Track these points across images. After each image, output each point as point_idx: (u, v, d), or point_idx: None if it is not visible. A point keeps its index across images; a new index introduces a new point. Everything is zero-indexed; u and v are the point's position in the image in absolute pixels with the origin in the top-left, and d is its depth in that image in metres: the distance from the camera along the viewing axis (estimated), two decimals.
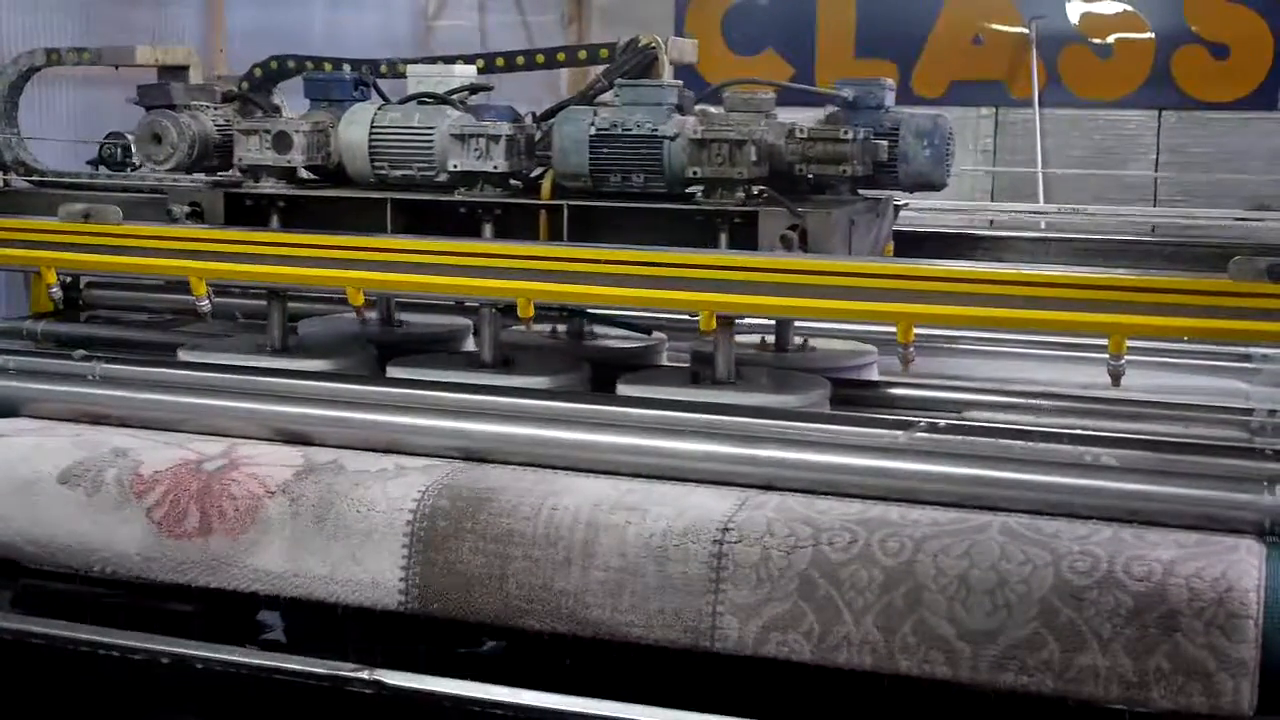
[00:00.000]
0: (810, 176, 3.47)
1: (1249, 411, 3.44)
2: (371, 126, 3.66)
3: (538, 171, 3.65)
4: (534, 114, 3.69)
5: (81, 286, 4.91)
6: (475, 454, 3.15)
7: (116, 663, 3.04)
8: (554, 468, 3.07)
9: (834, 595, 2.64)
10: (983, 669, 2.53)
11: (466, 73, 3.89)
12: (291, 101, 4.26)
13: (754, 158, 3.33)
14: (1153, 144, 10.91)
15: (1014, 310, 2.95)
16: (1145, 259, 3.76)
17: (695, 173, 3.37)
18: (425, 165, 3.63)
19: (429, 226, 3.62)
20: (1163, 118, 10.93)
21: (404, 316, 4.25)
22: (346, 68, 3.99)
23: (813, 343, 3.90)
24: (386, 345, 3.90)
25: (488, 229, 3.57)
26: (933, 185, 3.61)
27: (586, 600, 2.79)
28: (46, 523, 3.18)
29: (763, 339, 3.92)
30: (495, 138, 3.49)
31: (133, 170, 5.72)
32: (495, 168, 3.50)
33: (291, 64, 4.16)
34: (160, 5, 9.53)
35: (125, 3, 9.11)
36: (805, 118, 3.56)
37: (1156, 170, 10.78)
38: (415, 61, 3.92)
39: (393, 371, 3.58)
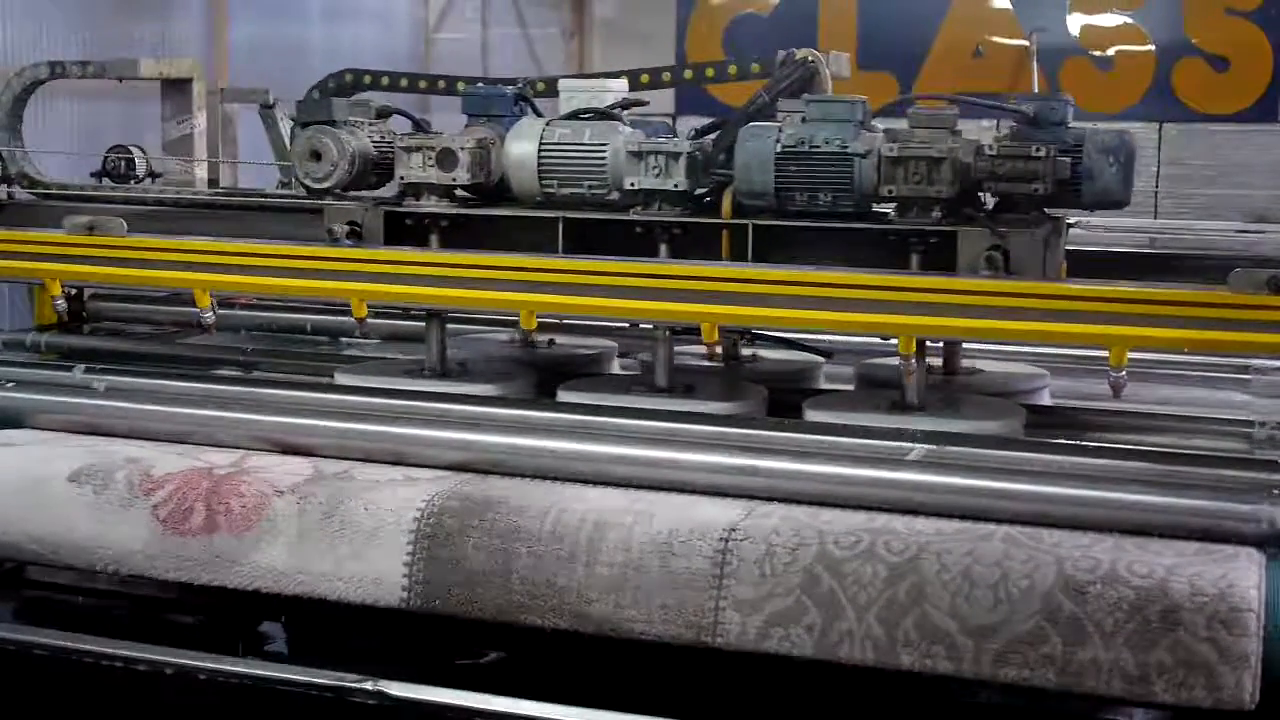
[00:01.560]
0: (996, 195, 3.32)
1: (1250, 423, 3.45)
2: (540, 143, 3.54)
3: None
4: (696, 130, 3.58)
5: (86, 299, 4.92)
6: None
7: (120, 674, 3.04)
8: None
9: (837, 590, 2.66)
10: (985, 663, 2.55)
11: (620, 88, 3.79)
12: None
13: (951, 175, 3.21)
14: (1153, 156, 10.94)
15: (1016, 322, 2.96)
16: (1146, 271, 3.77)
17: (890, 191, 3.25)
18: (597, 183, 3.50)
19: (595, 246, 3.49)
20: (1164, 130, 10.97)
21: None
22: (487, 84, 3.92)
23: (977, 366, 3.74)
24: (535, 367, 3.75)
25: (664, 249, 3.46)
26: (1117, 203, 3.42)
27: (589, 596, 2.79)
28: (51, 520, 3.17)
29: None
30: (675, 155, 3.39)
31: (136, 182, 5.75)
32: (675, 186, 3.40)
33: (349, 78, 4.12)
34: (164, 18, 9.58)
35: (129, 16, 9.15)
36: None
37: (1157, 183, 10.81)
38: (566, 78, 3.85)
39: (565, 396, 3.44)
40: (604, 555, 2.81)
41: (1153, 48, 11.07)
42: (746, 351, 3.88)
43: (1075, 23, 11.30)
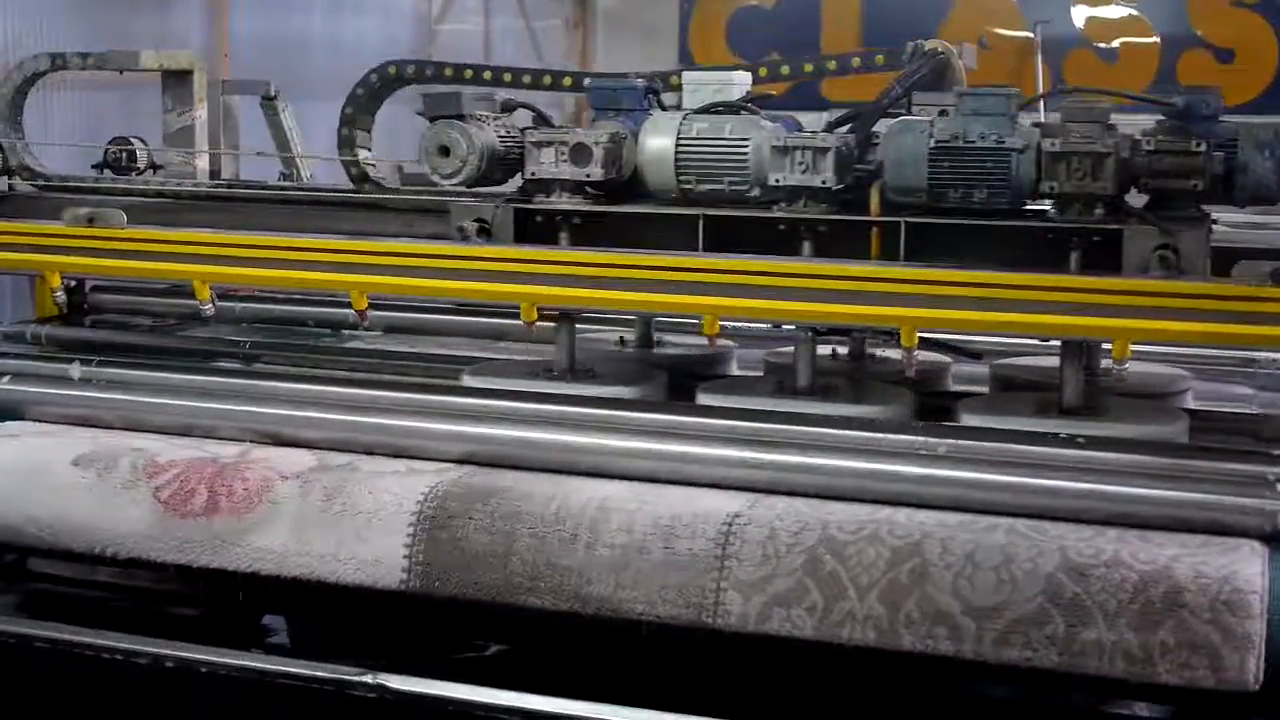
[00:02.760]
0: (1150, 192, 3.24)
1: (1254, 416, 3.44)
2: (678, 137, 3.45)
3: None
4: (828, 124, 3.50)
5: (86, 291, 4.91)
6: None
7: (120, 666, 3.04)
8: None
9: (839, 571, 2.66)
10: (987, 644, 2.54)
11: (745, 81, 3.70)
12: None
13: (1114, 172, 3.12)
14: None
15: (1016, 314, 2.93)
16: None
17: (1051, 187, 3.15)
18: (738, 179, 3.40)
19: (731, 244, 3.39)
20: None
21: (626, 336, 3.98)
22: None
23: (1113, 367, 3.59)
24: (660, 368, 3.65)
25: (807, 247, 3.34)
26: (1271, 199, 3.31)
27: (590, 577, 2.78)
28: (53, 502, 3.17)
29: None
30: (823, 150, 3.28)
31: (137, 175, 5.74)
32: (824, 182, 3.29)
33: (404, 70, 4.06)
34: (164, 11, 9.56)
35: (129, 8, 9.13)
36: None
37: None
38: (686, 70, 3.73)
39: (705, 400, 3.33)
40: (605, 536, 2.81)
41: (1157, 39, 11.05)
42: (874, 351, 3.74)
43: (1079, 14, 11.28)
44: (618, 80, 3.72)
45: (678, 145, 3.45)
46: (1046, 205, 3.27)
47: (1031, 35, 11.15)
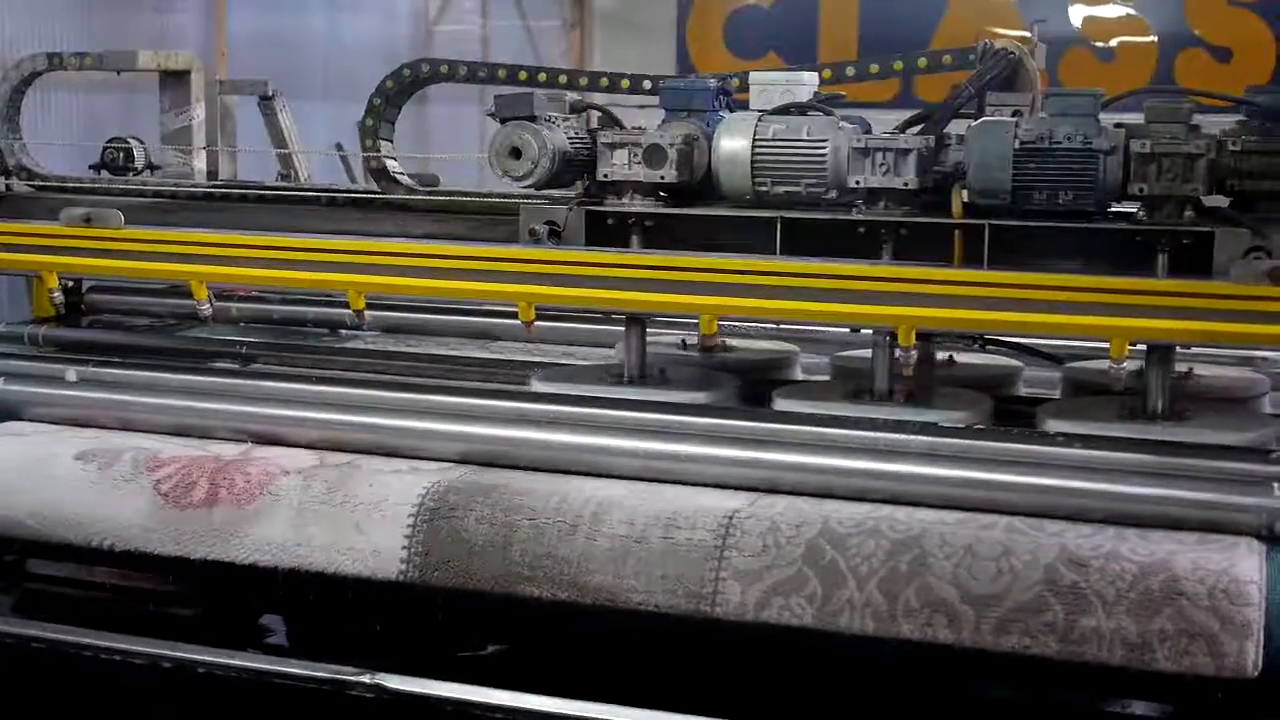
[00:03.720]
0: (1235, 194, 3.20)
1: None
2: (754, 139, 3.41)
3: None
4: (899, 125, 3.45)
5: (84, 291, 4.91)
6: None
7: (118, 666, 3.04)
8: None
9: (839, 561, 2.67)
10: (985, 632, 2.55)
11: (813, 81, 3.68)
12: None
13: (1205, 173, 3.10)
14: None
15: (1012, 314, 2.94)
16: None
17: (1141, 189, 3.11)
18: (815, 181, 3.37)
19: (808, 248, 3.34)
20: None
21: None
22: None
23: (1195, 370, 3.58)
24: (730, 373, 3.61)
25: (887, 250, 3.31)
26: None
27: (589, 566, 2.79)
28: (52, 494, 3.17)
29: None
30: (905, 151, 3.26)
31: (134, 175, 5.73)
32: (906, 184, 3.26)
33: (427, 70, 4.05)
34: (162, 10, 9.56)
35: (127, 7, 9.13)
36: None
37: None
38: (760, 71, 3.70)
39: (783, 406, 3.28)
40: (606, 528, 2.82)
41: (1155, 38, 11.05)
42: (941, 355, 3.69)
43: (1077, 13, 11.27)
44: (690, 81, 3.70)
45: (754, 146, 3.41)
46: (1131, 208, 3.24)
47: (1029, 34, 11.15)
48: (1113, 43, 11.20)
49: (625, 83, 4.05)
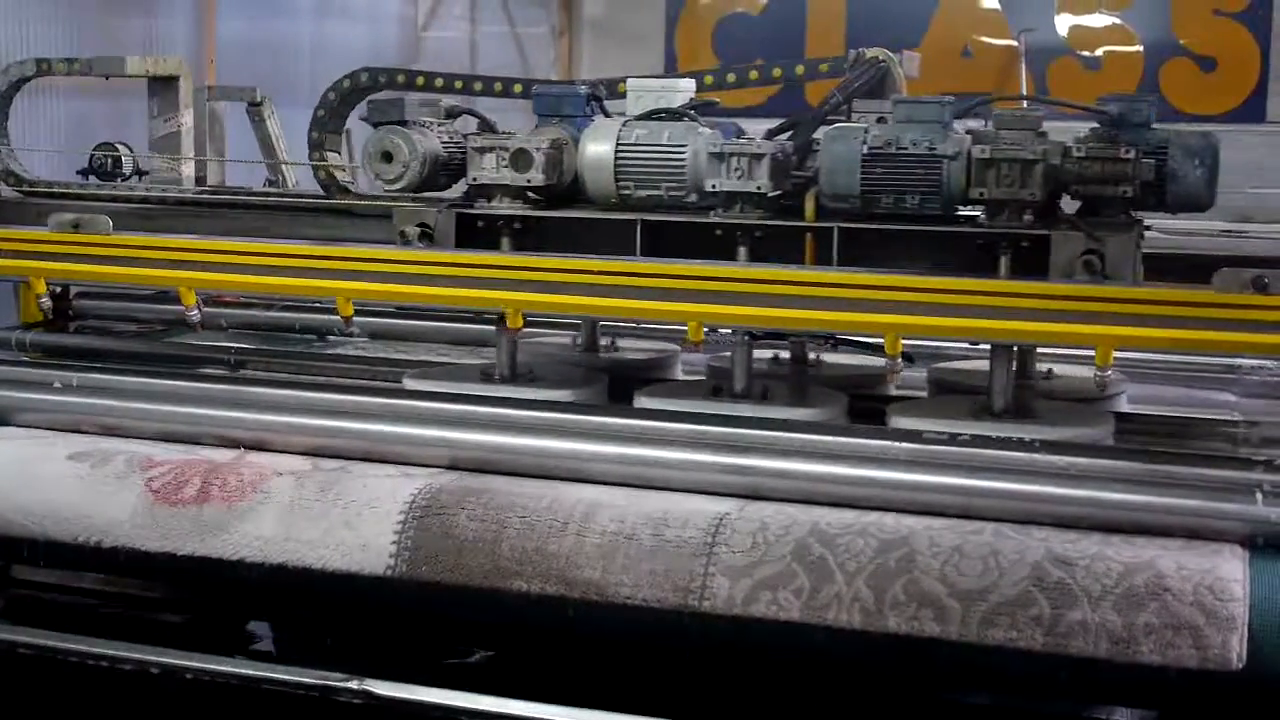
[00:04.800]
0: (1081, 199, 3.27)
1: (1235, 423, 3.47)
2: (617, 143, 3.47)
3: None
4: (768, 131, 3.54)
5: (71, 297, 4.91)
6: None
7: (105, 673, 3.04)
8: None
9: (827, 557, 2.68)
10: (972, 625, 2.57)
11: (689, 88, 3.72)
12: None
13: (1043, 178, 3.16)
14: None
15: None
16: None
17: (981, 194, 3.19)
18: (675, 185, 3.44)
19: (670, 250, 3.43)
20: None
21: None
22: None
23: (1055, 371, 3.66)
24: (603, 372, 3.65)
25: (743, 252, 3.37)
26: (1201, 206, 3.37)
27: (578, 562, 2.79)
28: (42, 491, 3.16)
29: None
30: (759, 156, 3.31)
31: (122, 180, 5.74)
32: (759, 188, 3.32)
33: (368, 78, 4.09)
34: (150, 16, 9.56)
35: (115, 13, 9.13)
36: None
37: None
38: (635, 78, 3.75)
39: (644, 403, 3.34)
40: (596, 526, 2.83)
41: (1140, 48, 11.10)
42: (811, 356, 3.79)
43: (1063, 23, 11.32)
44: (562, 87, 3.77)
45: (617, 151, 3.48)
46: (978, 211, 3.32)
47: (1016, 43, 11.19)
48: (1099, 52, 11.25)
49: (518, 87, 4.16)
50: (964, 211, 3.32)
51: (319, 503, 2.99)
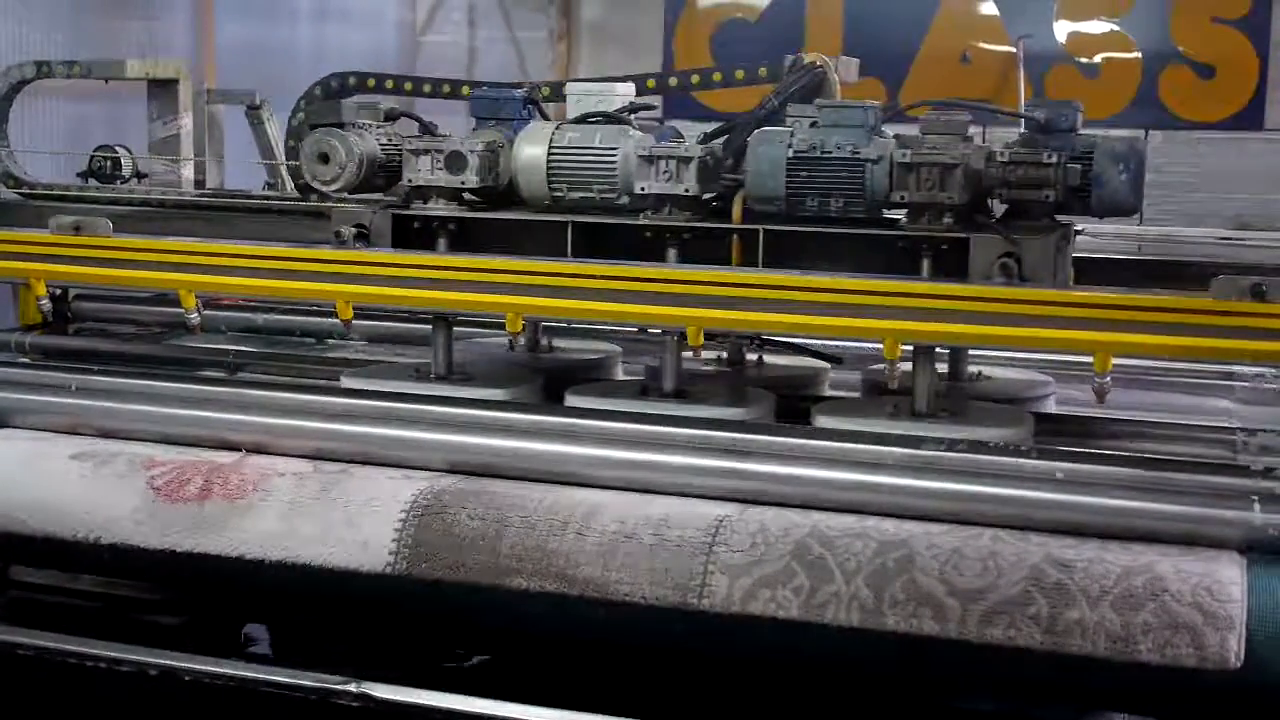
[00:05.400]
0: (1007, 202, 3.33)
1: (1233, 429, 3.47)
2: (550, 146, 3.53)
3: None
4: (704, 135, 3.56)
5: (71, 299, 4.92)
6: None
7: (104, 675, 3.04)
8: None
9: (827, 557, 2.69)
10: (971, 624, 2.57)
11: (627, 92, 3.78)
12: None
13: (963, 182, 3.21)
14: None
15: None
16: (1131, 277, 3.78)
17: (902, 197, 3.24)
18: (606, 187, 3.50)
19: (603, 251, 3.49)
20: (1149, 137, 11.00)
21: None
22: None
23: (986, 372, 3.75)
24: (539, 372, 3.72)
25: (673, 254, 3.43)
26: (1126, 211, 3.41)
27: (578, 560, 2.80)
28: (45, 489, 3.17)
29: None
30: (686, 160, 3.37)
31: (122, 183, 5.75)
32: (687, 191, 3.38)
33: (353, 81, 4.12)
34: (149, 19, 9.56)
35: (114, 16, 9.13)
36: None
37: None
38: (573, 81, 3.83)
39: (573, 401, 3.41)
40: (597, 525, 2.83)
41: (1139, 55, 11.09)
42: (751, 356, 3.87)
43: (1062, 29, 11.32)
44: (498, 90, 3.81)
45: (550, 154, 3.53)
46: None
47: (1014, 50, 11.19)
48: (1097, 58, 11.25)
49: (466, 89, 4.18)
50: (891, 215, 3.36)
51: (320, 501, 3.00)
